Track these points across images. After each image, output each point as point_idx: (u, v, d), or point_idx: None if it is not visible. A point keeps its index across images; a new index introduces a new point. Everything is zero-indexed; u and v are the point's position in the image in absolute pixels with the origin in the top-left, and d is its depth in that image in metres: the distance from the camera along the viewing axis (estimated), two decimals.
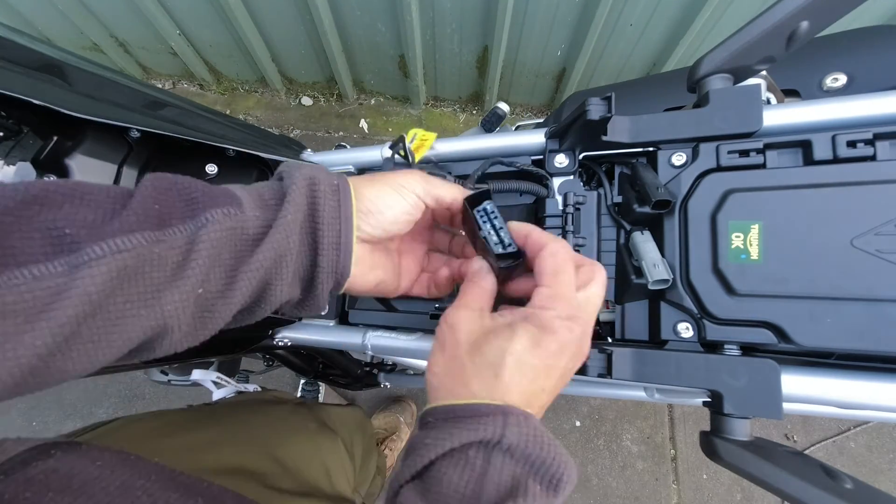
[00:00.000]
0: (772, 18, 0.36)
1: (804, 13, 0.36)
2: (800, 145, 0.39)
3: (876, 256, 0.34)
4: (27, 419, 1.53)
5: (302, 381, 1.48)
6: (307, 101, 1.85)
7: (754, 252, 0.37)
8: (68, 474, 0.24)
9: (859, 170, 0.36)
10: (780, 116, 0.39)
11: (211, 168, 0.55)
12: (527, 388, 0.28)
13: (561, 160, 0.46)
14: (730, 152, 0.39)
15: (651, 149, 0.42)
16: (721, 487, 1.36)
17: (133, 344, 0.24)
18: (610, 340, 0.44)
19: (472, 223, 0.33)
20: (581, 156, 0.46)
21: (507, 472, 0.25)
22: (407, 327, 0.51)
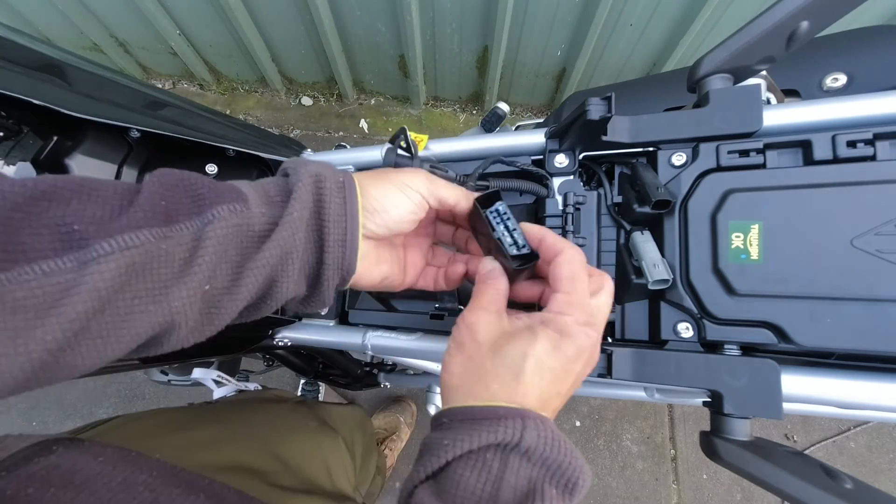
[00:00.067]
0: (772, 18, 0.36)
1: (804, 13, 0.36)
2: (800, 145, 0.39)
3: (876, 256, 0.34)
4: (27, 419, 1.53)
5: (302, 381, 1.48)
6: (307, 101, 1.85)
7: (754, 252, 0.37)
8: (70, 470, 0.24)
9: (859, 170, 0.36)
10: (780, 116, 0.39)
11: (211, 168, 0.55)
12: (544, 392, 0.29)
13: (561, 160, 0.46)
14: (730, 152, 0.39)
15: (651, 149, 0.42)
16: (721, 487, 1.36)
17: (141, 339, 0.24)
18: (610, 340, 0.44)
19: (484, 224, 0.33)
20: (581, 156, 0.46)
21: (524, 475, 0.25)
22: (407, 327, 0.51)
